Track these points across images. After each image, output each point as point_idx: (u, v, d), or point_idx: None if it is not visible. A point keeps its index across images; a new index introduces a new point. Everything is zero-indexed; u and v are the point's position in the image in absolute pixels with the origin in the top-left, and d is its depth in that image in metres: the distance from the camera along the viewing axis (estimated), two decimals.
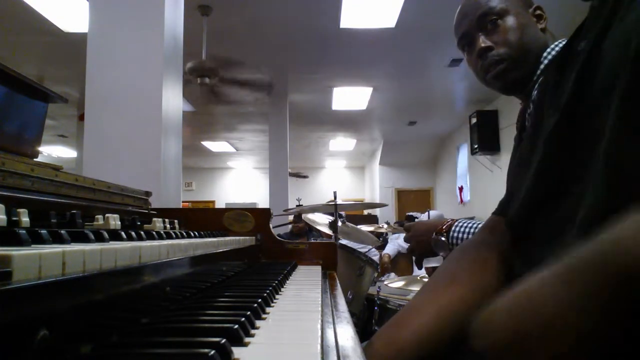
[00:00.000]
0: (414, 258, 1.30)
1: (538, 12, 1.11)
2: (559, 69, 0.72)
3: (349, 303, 2.21)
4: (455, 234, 1.19)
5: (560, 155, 0.63)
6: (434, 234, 1.22)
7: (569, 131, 0.62)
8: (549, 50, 1.06)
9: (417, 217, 4.89)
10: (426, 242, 1.24)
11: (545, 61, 1.06)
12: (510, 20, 1.07)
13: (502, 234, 0.84)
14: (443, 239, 1.20)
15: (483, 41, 1.08)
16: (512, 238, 0.79)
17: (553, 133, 0.65)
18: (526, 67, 1.07)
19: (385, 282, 2.65)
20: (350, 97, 6.75)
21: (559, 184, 0.63)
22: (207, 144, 9.91)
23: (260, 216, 1.37)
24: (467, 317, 0.75)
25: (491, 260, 0.83)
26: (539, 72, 1.06)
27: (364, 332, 2.56)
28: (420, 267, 1.36)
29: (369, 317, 2.67)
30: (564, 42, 0.97)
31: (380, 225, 3.83)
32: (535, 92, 1.01)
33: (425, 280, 2.50)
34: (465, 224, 1.19)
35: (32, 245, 0.40)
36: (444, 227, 1.21)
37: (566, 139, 0.62)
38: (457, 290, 0.80)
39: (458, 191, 8.58)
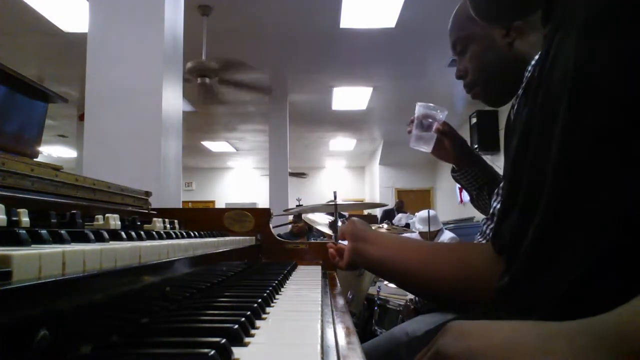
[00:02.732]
0: None
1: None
2: (524, 90, 0.72)
3: (349, 303, 2.21)
4: None
5: (519, 179, 0.62)
6: None
7: (524, 156, 0.60)
8: (533, 62, 1.01)
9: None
10: None
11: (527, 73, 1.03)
12: (471, 49, 1.09)
13: None
14: None
15: (457, 68, 1.14)
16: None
17: (514, 157, 0.65)
18: (498, 86, 1.09)
19: (385, 282, 2.65)
20: (350, 97, 6.74)
21: (523, 207, 0.62)
22: (207, 144, 9.90)
23: (260, 216, 1.37)
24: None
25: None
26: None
27: (364, 332, 2.56)
28: None
29: (369, 317, 2.67)
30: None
31: (380, 226, 3.83)
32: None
33: None
34: None
35: (32, 245, 0.40)
36: None
37: (522, 164, 0.60)
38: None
39: (458, 191, 8.57)
